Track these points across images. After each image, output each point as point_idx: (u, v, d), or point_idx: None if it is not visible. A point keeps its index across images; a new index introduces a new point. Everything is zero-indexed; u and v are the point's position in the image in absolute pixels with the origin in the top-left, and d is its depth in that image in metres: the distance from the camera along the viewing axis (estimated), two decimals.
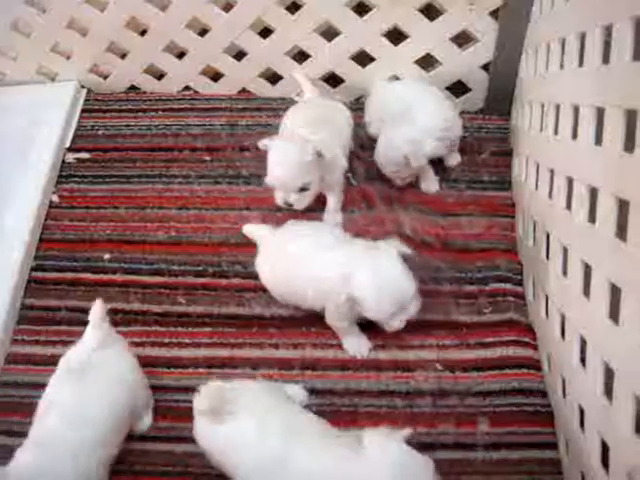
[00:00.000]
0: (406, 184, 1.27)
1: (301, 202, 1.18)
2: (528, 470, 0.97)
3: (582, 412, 0.86)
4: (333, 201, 1.25)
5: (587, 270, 0.83)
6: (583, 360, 0.86)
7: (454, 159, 1.32)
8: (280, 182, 1.16)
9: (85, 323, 1.06)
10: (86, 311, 1.05)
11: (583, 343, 0.86)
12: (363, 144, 1.36)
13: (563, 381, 0.94)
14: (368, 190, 1.30)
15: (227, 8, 1.33)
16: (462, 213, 1.26)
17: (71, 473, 0.84)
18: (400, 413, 1.03)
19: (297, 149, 1.14)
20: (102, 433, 0.89)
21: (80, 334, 1.07)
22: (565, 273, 0.92)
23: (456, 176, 1.31)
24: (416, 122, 1.22)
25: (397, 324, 1.02)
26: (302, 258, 1.05)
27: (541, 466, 0.97)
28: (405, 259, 1.01)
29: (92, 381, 0.91)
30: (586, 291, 0.84)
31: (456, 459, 0.98)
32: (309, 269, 1.03)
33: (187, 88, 1.50)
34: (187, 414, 1.00)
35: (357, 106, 1.39)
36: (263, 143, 1.17)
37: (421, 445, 0.96)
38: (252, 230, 1.19)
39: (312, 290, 1.04)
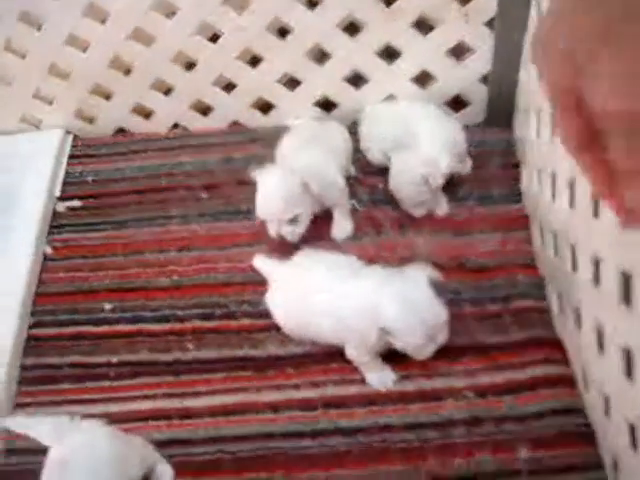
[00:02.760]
0: (420, 215, 1.22)
1: (294, 233, 1.14)
2: None
3: (632, 429, 0.81)
4: (339, 211, 1.21)
5: (625, 277, 0.78)
6: (629, 372, 0.80)
7: (466, 166, 1.27)
8: (268, 215, 1.13)
9: (90, 378, 1.02)
10: (90, 366, 1.01)
11: (627, 354, 0.80)
12: (364, 169, 1.31)
13: (605, 397, 0.88)
14: (375, 215, 1.24)
15: (214, 39, 1.29)
16: (475, 231, 1.21)
17: None
18: (433, 445, 0.96)
19: (282, 182, 1.11)
20: None
21: (85, 391, 1.03)
22: (597, 281, 0.87)
23: (464, 193, 1.26)
24: (421, 143, 1.18)
25: (427, 353, 0.97)
26: (319, 289, 0.99)
27: None
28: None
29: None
30: (626, 298, 0.78)
31: None
32: (328, 301, 0.98)
33: (176, 126, 1.45)
34: (207, 467, 0.95)
35: (354, 130, 1.34)
36: (254, 174, 1.15)
37: (460, 478, 0.93)
38: (262, 263, 1.14)
39: (332, 324, 0.98)
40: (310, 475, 0.95)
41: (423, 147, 1.18)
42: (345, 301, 0.97)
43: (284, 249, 1.16)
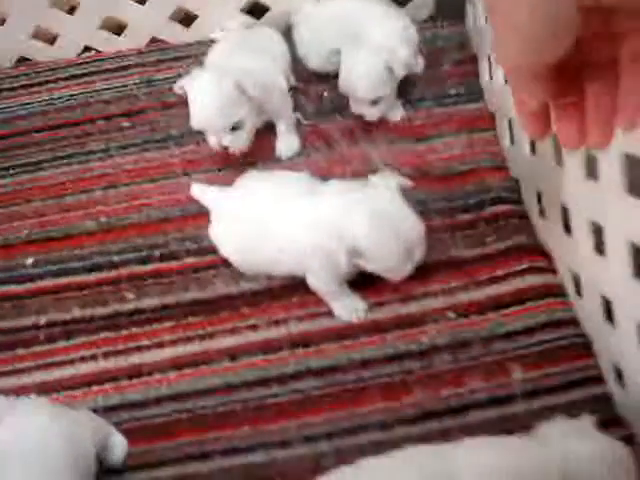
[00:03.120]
0: (378, 118, 1.09)
1: (237, 142, 1.00)
2: (577, 414, 0.81)
3: None
4: (283, 125, 1.08)
5: (629, 161, 0.66)
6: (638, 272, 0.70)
7: (420, 64, 1.13)
8: (206, 124, 0.99)
9: (18, 345, 0.89)
10: (17, 331, 0.87)
11: (634, 251, 0.69)
12: (305, 78, 1.17)
13: (607, 302, 0.78)
14: (323, 127, 1.11)
15: None
16: (436, 135, 1.09)
17: None
18: (418, 377, 0.85)
19: (215, 85, 0.96)
20: None
21: (14, 360, 0.90)
22: (593, 172, 0.75)
23: (419, 95, 1.14)
24: (372, 38, 1.04)
25: (404, 273, 0.85)
26: (271, 214, 0.86)
27: (590, 404, 0.81)
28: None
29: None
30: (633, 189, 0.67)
31: (495, 417, 0.82)
32: (283, 226, 0.84)
33: (87, 49, 1.28)
34: (164, 430, 0.83)
35: (289, 36, 1.19)
36: (179, 86, 1.00)
37: (451, 410, 0.82)
38: (202, 192, 0.99)
39: (290, 252, 0.85)
40: (281, 426, 0.84)
41: (376, 40, 1.04)
42: (304, 223, 0.83)
43: (226, 177, 1.03)
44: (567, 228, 0.86)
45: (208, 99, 0.97)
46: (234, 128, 0.99)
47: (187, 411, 0.86)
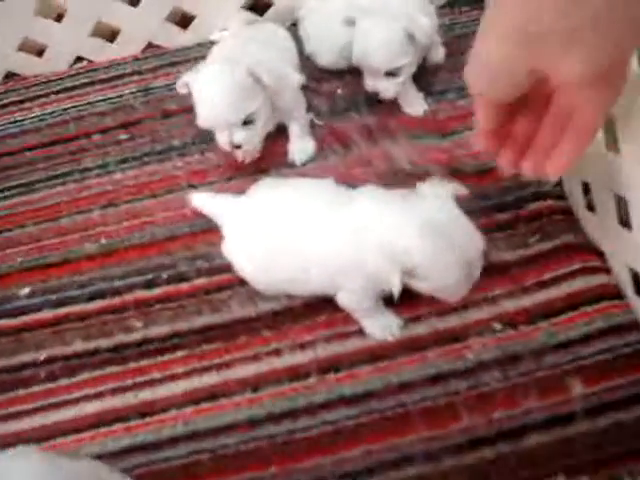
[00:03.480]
0: (392, 97, 1.00)
1: (251, 140, 0.92)
2: None
3: None
4: (296, 127, 0.99)
5: None
6: None
7: (440, 53, 1.06)
8: (216, 119, 0.90)
9: (15, 385, 0.83)
10: (13, 370, 0.82)
11: None
12: (315, 76, 1.08)
13: None
14: (339, 126, 1.01)
15: None
16: (462, 129, 0.99)
17: None
18: (465, 399, 0.76)
19: (226, 73, 0.88)
20: None
21: (11, 402, 0.82)
22: None
23: (441, 86, 1.05)
24: (390, 7, 0.96)
25: (462, 293, 0.75)
26: (295, 227, 0.76)
27: None
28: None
29: None
30: None
31: (554, 440, 0.72)
32: (311, 240, 0.75)
33: (79, 59, 1.19)
34: (181, 474, 0.74)
35: (295, 33, 1.11)
36: (182, 83, 0.91)
37: (505, 434, 0.73)
38: (205, 202, 0.89)
39: (320, 270, 0.75)
40: (313, 463, 0.74)
41: (394, 7, 0.96)
42: (339, 237, 0.73)
43: (236, 186, 0.94)
44: (622, 221, 0.76)
45: (219, 89, 0.88)
46: (246, 122, 0.90)
47: (206, 451, 0.76)
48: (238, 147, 0.91)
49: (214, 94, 0.88)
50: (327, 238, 0.73)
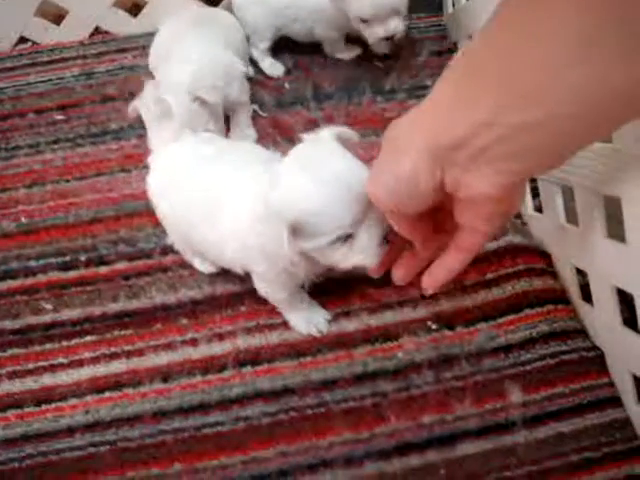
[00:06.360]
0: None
1: None
2: (590, 444, 0.66)
3: None
4: (240, 114, 0.94)
5: None
6: None
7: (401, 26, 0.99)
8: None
9: None
10: None
11: None
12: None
13: (630, 305, 0.62)
14: (283, 119, 0.97)
15: None
16: None
17: None
18: (393, 401, 0.70)
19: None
20: None
21: None
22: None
23: (393, 86, 1.01)
24: None
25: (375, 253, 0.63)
26: (222, 183, 0.67)
27: (605, 431, 0.67)
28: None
29: None
30: None
31: (489, 449, 0.67)
32: (231, 199, 0.66)
33: (23, 40, 1.13)
34: (78, 467, 0.67)
35: None
36: (132, 108, 0.80)
37: (435, 441, 0.67)
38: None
39: (233, 244, 0.67)
40: (222, 462, 0.67)
41: None
42: (248, 199, 0.63)
43: None
44: (571, 220, 0.71)
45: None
46: None
47: (107, 443, 0.70)
48: None
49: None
50: (242, 199, 0.65)
